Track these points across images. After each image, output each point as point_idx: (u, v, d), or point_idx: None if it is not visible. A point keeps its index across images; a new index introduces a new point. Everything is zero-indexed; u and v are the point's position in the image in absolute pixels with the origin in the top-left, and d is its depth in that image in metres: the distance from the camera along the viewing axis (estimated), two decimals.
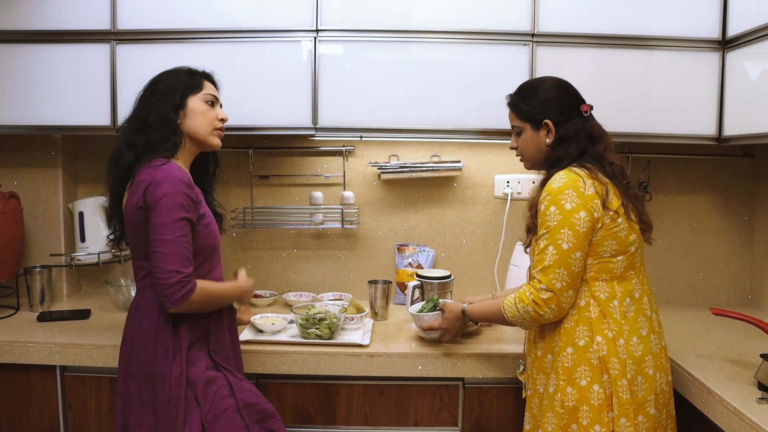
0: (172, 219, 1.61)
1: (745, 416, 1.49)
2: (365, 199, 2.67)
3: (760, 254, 2.60)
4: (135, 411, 1.66)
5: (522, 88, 1.82)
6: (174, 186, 1.62)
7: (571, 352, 1.64)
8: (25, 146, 2.54)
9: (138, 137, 1.72)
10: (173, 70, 1.82)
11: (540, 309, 1.63)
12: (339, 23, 2.27)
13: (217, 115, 1.82)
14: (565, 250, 1.61)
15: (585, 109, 1.75)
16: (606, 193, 1.64)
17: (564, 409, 1.63)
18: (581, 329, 1.64)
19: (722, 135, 2.27)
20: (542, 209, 1.65)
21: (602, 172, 1.68)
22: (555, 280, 1.61)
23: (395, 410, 2.05)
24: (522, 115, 1.78)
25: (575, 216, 1.61)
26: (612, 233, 1.63)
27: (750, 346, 2.01)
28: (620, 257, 1.65)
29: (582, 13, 2.25)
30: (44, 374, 2.04)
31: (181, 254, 1.61)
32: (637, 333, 1.64)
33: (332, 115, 2.29)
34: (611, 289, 1.65)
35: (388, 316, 2.36)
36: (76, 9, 2.28)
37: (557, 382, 1.65)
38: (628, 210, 1.67)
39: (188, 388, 1.64)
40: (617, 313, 1.64)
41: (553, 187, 1.64)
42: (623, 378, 1.60)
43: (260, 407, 1.74)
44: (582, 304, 1.65)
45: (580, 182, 1.63)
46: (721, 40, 2.25)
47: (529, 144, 1.78)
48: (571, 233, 1.60)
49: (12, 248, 2.38)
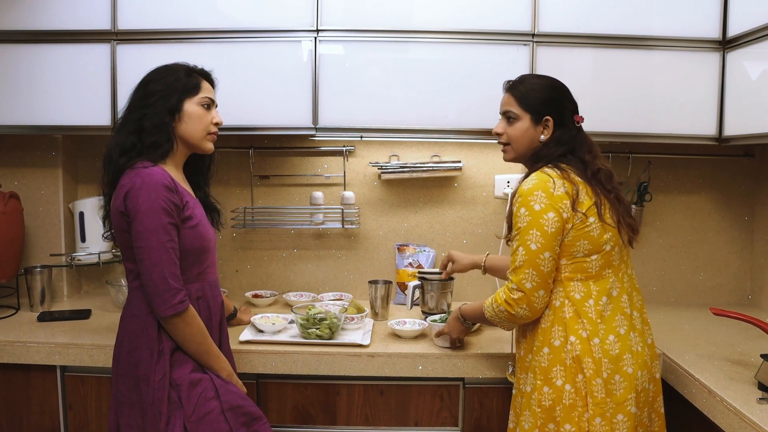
0: (155, 225, 1.60)
1: (745, 416, 1.49)
2: (365, 199, 2.67)
3: (761, 254, 2.60)
4: (125, 412, 1.66)
5: (526, 77, 1.81)
6: (154, 191, 1.61)
7: (547, 352, 1.65)
8: (25, 146, 2.54)
9: (130, 140, 1.70)
10: (170, 67, 1.79)
11: (512, 309, 1.65)
12: (339, 23, 2.27)
13: (212, 119, 1.80)
14: (534, 250, 1.62)
15: (578, 119, 1.76)
16: (576, 193, 1.64)
17: (540, 408, 1.63)
18: (556, 329, 1.65)
19: (722, 135, 2.27)
20: (514, 210, 1.67)
21: (578, 172, 1.68)
22: (525, 280, 1.63)
23: (395, 410, 2.05)
24: (525, 103, 1.75)
25: (543, 217, 1.62)
26: (583, 233, 1.63)
27: (750, 346, 2.01)
28: (594, 256, 1.65)
29: (582, 13, 2.25)
30: (44, 374, 2.04)
31: (168, 260, 1.61)
32: (614, 332, 1.64)
33: (333, 115, 2.29)
34: (587, 289, 1.65)
35: (388, 316, 2.36)
36: (76, 9, 2.28)
37: (534, 381, 1.66)
38: (602, 210, 1.66)
39: (172, 390, 1.63)
40: (593, 312, 1.64)
41: (524, 189, 1.66)
42: (598, 377, 1.60)
43: (246, 410, 1.71)
44: (557, 304, 1.66)
45: (549, 183, 1.64)
46: (721, 40, 2.25)
47: (522, 135, 1.77)
48: (540, 234, 1.61)
49: (12, 248, 2.38)
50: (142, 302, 1.67)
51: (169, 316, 1.62)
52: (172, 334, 1.65)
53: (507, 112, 1.80)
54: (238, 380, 1.80)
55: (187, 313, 1.65)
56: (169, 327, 1.65)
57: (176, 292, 1.62)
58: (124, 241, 1.68)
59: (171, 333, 1.65)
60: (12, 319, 2.29)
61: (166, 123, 1.72)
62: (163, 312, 1.61)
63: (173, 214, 1.64)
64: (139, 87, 1.77)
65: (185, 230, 1.69)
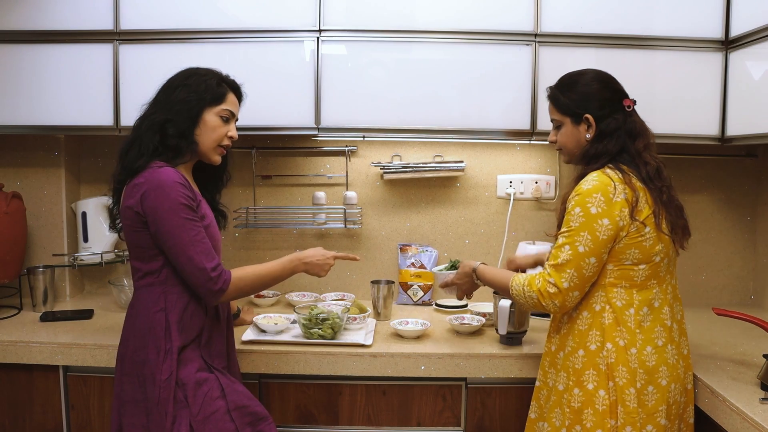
0: (181, 220, 1.62)
1: (748, 416, 1.49)
2: (368, 199, 2.67)
3: (763, 254, 2.60)
4: (129, 411, 1.66)
5: (562, 80, 1.79)
6: (172, 188, 1.62)
7: (582, 355, 1.64)
8: (28, 146, 2.54)
9: (152, 142, 1.69)
10: (202, 73, 1.77)
11: (543, 300, 1.64)
12: (342, 23, 2.27)
13: (227, 132, 1.79)
14: (581, 253, 1.60)
15: (628, 103, 1.71)
16: (636, 200, 1.61)
17: (570, 409, 1.63)
18: (594, 333, 1.63)
19: (725, 135, 2.27)
20: (569, 207, 1.64)
21: (637, 175, 1.65)
22: (564, 279, 1.61)
23: (398, 410, 2.05)
24: (562, 108, 1.75)
25: (598, 222, 1.59)
26: (636, 242, 1.61)
27: (753, 347, 2.01)
28: (642, 266, 1.63)
29: (585, 13, 2.25)
30: (47, 374, 2.04)
31: (202, 251, 1.64)
32: (652, 343, 1.62)
33: (335, 115, 2.29)
34: (629, 297, 1.63)
35: (390, 316, 2.36)
36: (79, 9, 2.28)
37: (567, 381, 1.66)
38: (659, 219, 1.64)
39: (178, 389, 1.63)
40: (632, 321, 1.62)
41: (582, 188, 1.62)
42: (631, 387, 1.59)
43: (252, 409, 1.72)
44: (597, 308, 1.64)
45: (610, 187, 1.60)
46: (724, 40, 2.25)
47: (568, 138, 1.75)
48: (590, 238, 1.59)
49: (15, 248, 2.38)
50: (148, 300, 1.67)
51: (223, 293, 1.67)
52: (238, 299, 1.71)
53: (552, 120, 1.80)
54: None
55: (236, 277, 1.70)
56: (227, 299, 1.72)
57: (217, 277, 1.65)
58: (134, 239, 1.68)
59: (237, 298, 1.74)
60: (15, 319, 2.29)
61: (190, 131, 1.72)
62: (216, 299, 1.68)
63: (194, 207, 1.66)
64: (167, 89, 1.75)
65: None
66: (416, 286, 2.57)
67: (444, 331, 2.21)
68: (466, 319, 2.26)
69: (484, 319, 2.23)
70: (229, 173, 1.94)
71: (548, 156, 2.64)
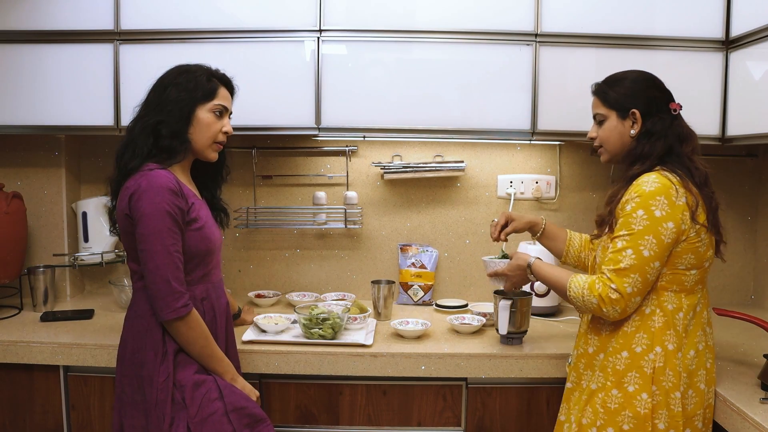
0: (159, 228, 1.60)
1: (748, 416, 1.49)
2: (368, 199, 2.67)
3: (764, 254, 2.60)
4: (129, 412, 1.66)
5: (610, 76, 1.76)
6: (159, 194, 1.61)
7: (626, 356, 1.61)
8: (28, 146, 2.54)
9: (146, 144, 1.69)
10: (191, 70, 1.76)
11: (604, 306, 1.59)
12: (342, 23, 2.27)
13: (222, 127, 1.78)
14: (646, 257, 1.57)
15: (674, 107, 1.69)
16: (696, 205, 1.59)
17: (604, 410, 1.61)
18: (641, 336, 1.61)
19: (725, 135, 2.27)
20: (628, 210, 1.59)
21: (691, 180, 1.63)
22: (627, 284, 1.57)
23: (398, 410, 2.04)
24: (609, 101, 1.71)
25: (663, 225, 1.56)
26: (693, 247, 1.60)
27: (753, 347, 2.01)
28: (694, 271, 1.62)
29: (585, 14, 2.25)
30: (47, 374, 2.04)
31: (172, 263, 1.62)
32: (694, 347, 1.62)
33: (335, 115, 2.29)
34: (678, 301, 1.62)
35: (391, 316, 2.36)
36: (79, 9, 2.28)
37: (604, 381, 1.64)
38: (712, 225, 1.63)
39: (176, 391, 1.64)
40: (680, 325, 1.61)
41: (644, 190, 1.58)
42: (677, 390, 1.58)
43: (250, 411, 1.71)
44: (647, 311, 1.62)
45: (672, 190, 1.58)
46: (724, 40, 2.25)
47: (611, 133, 1.71)
48: (655, 242, 1.56)
49: (16, 248, 2.39)
50: (146, 303, 1.67)
51: (172, 320, 1.62)
52: (175, 338, 1.65)
53: (596, 115, 1.76)
54: (245, 382, 1.79)
55: (190, 317, 1.65)
56: (172, 330, 1.65)
57: (179, 295, 1.62)
58: (129, 242, 1.68)
59: (174, 336, 1.65)
60: (15, 319, 2.29)
61: (183, 131, 1.72)
62: (166, 315, 1.62)
63: (177, 218, 1.64)
64: (158, 88, 1.74)
65: (190, 232, 1.69)
66: (416, 286, 2.57)
67: (444, 331, 2.21)
68: (466, 319, 2.26)
69: (484, 319, 2.23)
70: (228, 167, 1.94)
71: (548, 156, 2.64)
